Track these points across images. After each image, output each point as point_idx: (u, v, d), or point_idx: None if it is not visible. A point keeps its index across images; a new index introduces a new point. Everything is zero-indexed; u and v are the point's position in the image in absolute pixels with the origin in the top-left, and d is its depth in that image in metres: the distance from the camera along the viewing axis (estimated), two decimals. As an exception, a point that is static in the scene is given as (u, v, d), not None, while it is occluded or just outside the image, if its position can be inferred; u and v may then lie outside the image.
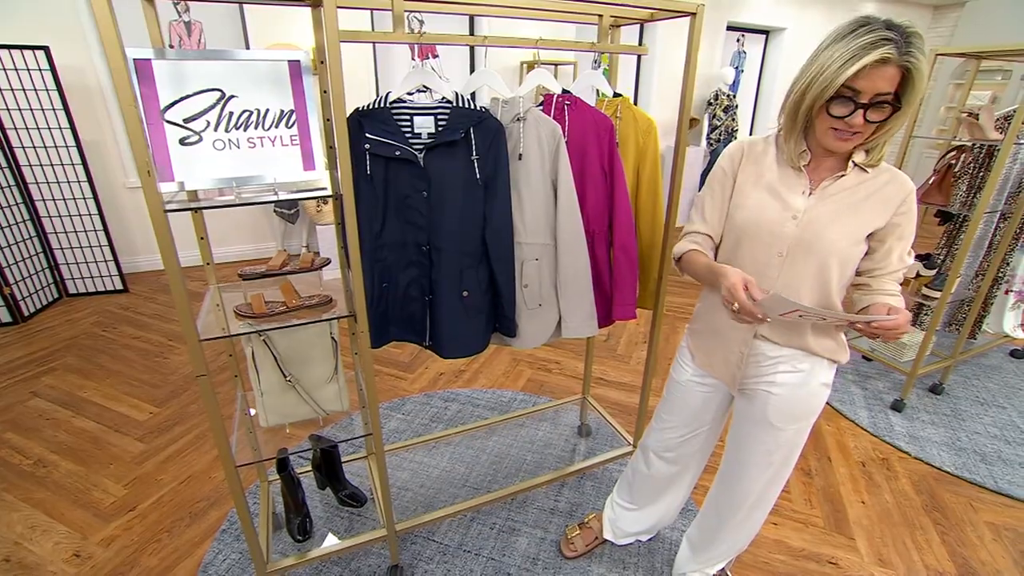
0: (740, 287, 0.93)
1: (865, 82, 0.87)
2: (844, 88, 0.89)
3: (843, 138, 0.94)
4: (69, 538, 1.67)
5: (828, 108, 0.92)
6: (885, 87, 0.87)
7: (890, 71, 0.86)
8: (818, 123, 0.97)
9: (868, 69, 0.86)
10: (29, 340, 2.94)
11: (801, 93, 0.96)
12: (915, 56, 0.85)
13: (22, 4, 3.15)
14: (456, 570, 1.57)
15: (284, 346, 1.26)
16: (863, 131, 0.92)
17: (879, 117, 0.90)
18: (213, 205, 1.04)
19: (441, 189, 1.27)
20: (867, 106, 0.89)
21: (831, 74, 0.88)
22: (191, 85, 1.03)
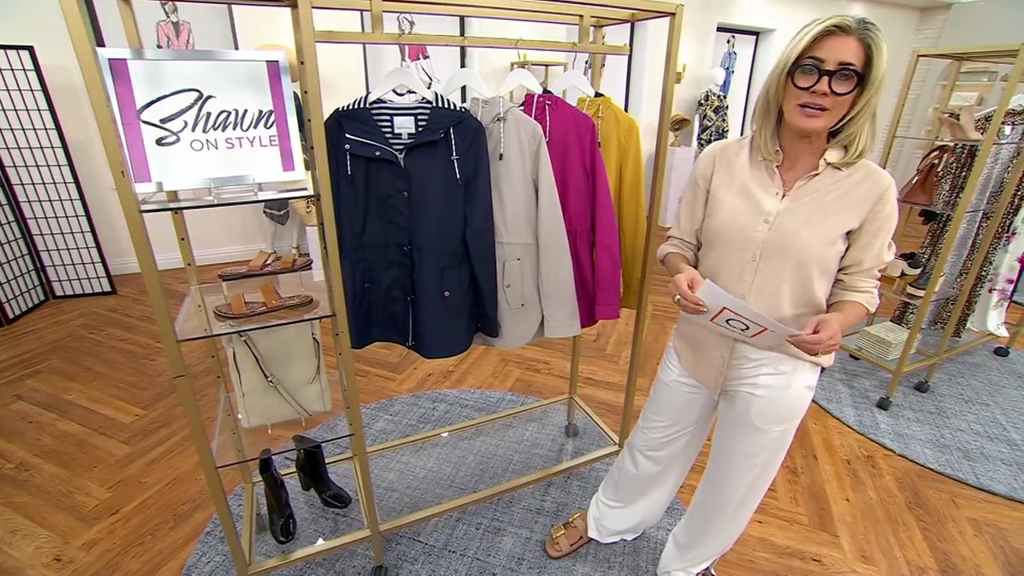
0: (683, 282, 1.01)
1: (827, 51, 0.90)
2: (808, 58, 0.91)
3: (810, 114, 0.94)
4: (50, 542, 1.65)
5: (794, 80, 0.93)
6: (848, 57, 0.89)
7: (851, 42, 0.89)
8: (787, 104, 0.98)
9: (828, 38, 0.90)
10: (14, 342, 2.92)
11: (771, 77, 0.98)
12: (872, 31, 0.89)
13: (5, 4, 3.12)
14: (441, 570, 1.57)
15: (265, 347, 1.26)
16: (830, 107, 0.93)
17: (844, 88, 0.91)
18: (189, 206, 1.04)
19: (421, 189, 1.28)
20: (831, 73, 0.90)
21: (794, 45, 0.92)
22: (168, 85, 1.02)
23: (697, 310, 1.00)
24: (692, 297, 0.99)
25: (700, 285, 0.97)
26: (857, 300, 1.05)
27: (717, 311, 1.00)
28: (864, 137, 0.99)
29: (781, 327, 0.97)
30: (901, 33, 6.96)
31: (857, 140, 0.99)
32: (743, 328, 1.02)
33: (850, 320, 1.03)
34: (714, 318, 1.03)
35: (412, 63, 4.88)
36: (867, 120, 0.97)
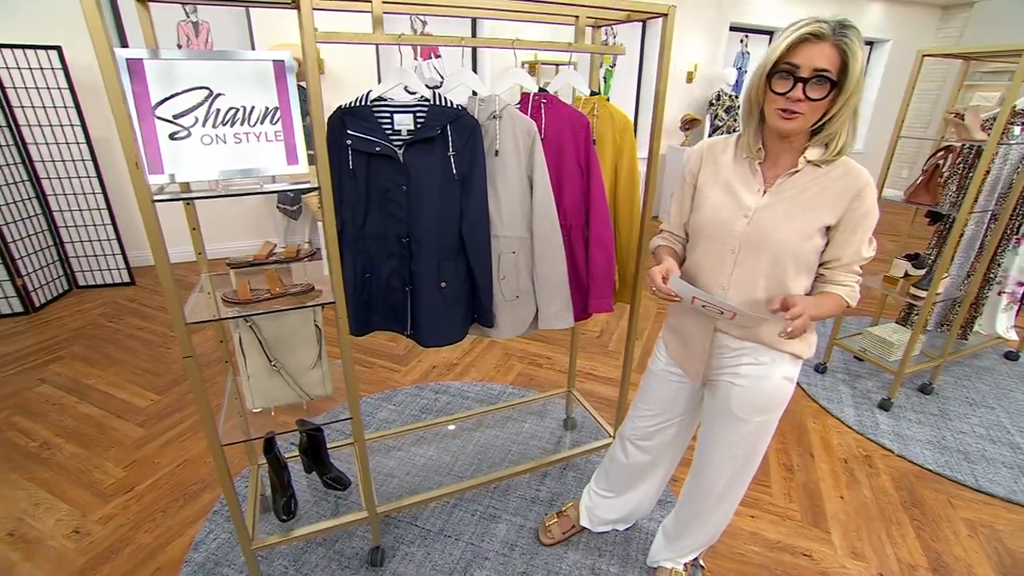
0: (657, 274, 1.09)
1: (802, 58, 0.93)
2: (784, 64, 0.94)
3: (788, 116, 0.98)
4: (70, 515, 1.75)
5: (771, 85, 0.97)
6: (823, 63, 0.92)
7: (826, 49, 0.92)
8: (767, 107, 1.01)
9: (803, 45, 0.92)
10: (39, 329, 3.05)
11: (753, 80, 1.01)
12: (848, 37, 0.92)
13: (36, 6, 3.26)
14: (436, 554, 1.63)
15: (270, 332, 1.32)
16: (806, 111, 0.96)
17: (818, 94, 0.94)
18: (198, 196, 1.11)
19: (420, 184, 1.33)
20: (806, 80, 0.93)
21: (772, 50, 0.96)
22: (181, 83, 1.09)
23: (671, 299, 1.09)
24: (664, 288, 1.07)
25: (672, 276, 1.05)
26: (836, 292, 1.08)
27: (690, 300, 1.07)
28: (843, 136, 1.02)
29: (747, 313, 1.02)
30: (920, 32, 6.84)
31: (836, 139, 1.02)
32: (719, 312, 1.07)
33: (824, 307, 1.06)
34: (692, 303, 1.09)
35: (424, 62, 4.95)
36: (846, 120, 1.00)
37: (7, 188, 3.12)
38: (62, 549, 1.62)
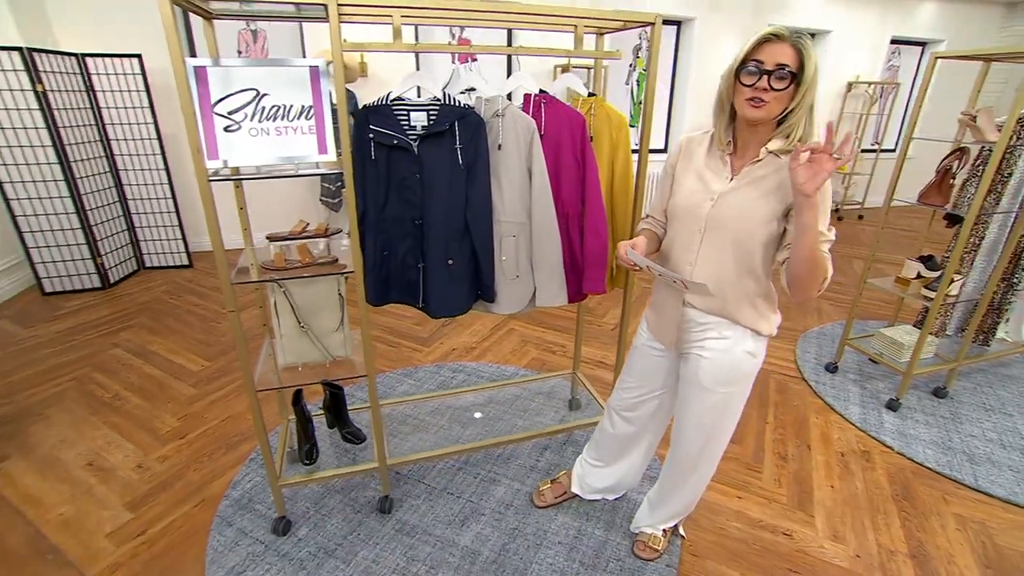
0: (622, 247, 1.27)
1: (766, 55, 1.07)
2: (752, 60, 1.08)
3: (756, 105, 1.10)
4: (135, 453, 2.05)
5: (741, 79, 1.10)
6: (783, 59, 1.06)
7: (786, 47, 1.06)
8: (736, 99, 1.14)
9: (767, 44, 1.07)
10: (114, 302, 3.46)
11: (723, 79, 1.15)
12: (803, 40, 1.06)
13: (121, 18, 3.69)
14: (438, 507, 1.81)
15: (300, 298, 1.54)
16: (771, 100, 1.09)
17: (780, 85, 1.07)
18: (244, 177, 1.34)
19: (431, 173, 1.52)
20: (770, 73, 1.06)
21: (740, 53, 1.10)
22: (235, 85, 1.32)
23: (633, 268, 1.28)
24: (624, 258, 1.26)
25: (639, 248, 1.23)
26: None
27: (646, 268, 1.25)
28: (801, 128, 1.14)
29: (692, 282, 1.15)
30: (982, 30, 6.52)
31: (795, 130, 1.14)
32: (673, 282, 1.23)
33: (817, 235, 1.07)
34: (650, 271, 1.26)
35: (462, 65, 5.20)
36: (804, 113, 1.12)
37: (93, 178, 3.56)
38: (128, 479, 1.92)
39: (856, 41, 5.93)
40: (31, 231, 3.38)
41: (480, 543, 1.68)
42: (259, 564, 1.59)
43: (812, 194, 1.02)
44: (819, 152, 1.00)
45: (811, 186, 1.01)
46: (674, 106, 5.63)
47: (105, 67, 3.51)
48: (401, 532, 1.71)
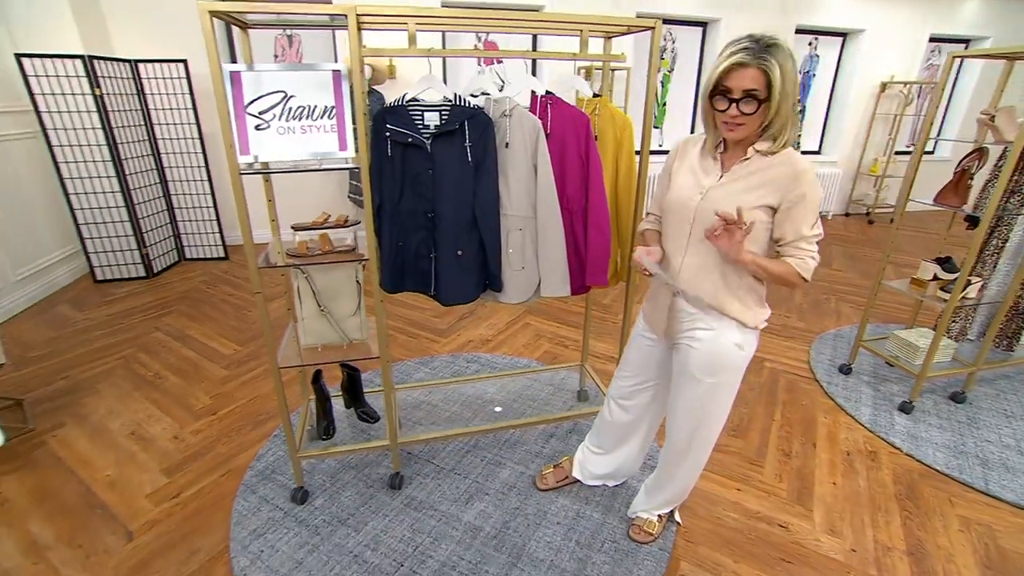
0: (641, 253, 1.34)
1: (733, 82, 1.12)
2: (721, 87, 1.13)
3: (731, 128, 1.17)
4: (172, 426, 2.23)
5: (713, 104, 1.16)
6: (750, 84, 1.10)
7: (751, 72, 1.10)
8: (716, 119, 1.20)
9: (732, 71, 1.11)
10: (156, 290, 3.71)
11: (702, 99, 1.21)
12: (767, 60, 1.08)
13: (169, 27, 3.96)
14: (445, 485, 1.92)
15: (320, 283, 1.67)
16: (744, 122, 1.15)
17: (749, 110, 1.12)
18: (272, 172, 1.47)
19: (442, 169, 1.62)
20: (738, 100, 1.12)
21: (708, 79, 1.14)
22: (265, 88, 1.46)
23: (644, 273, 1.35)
24: (639, 261, 1.34)
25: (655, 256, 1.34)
26: (787, 261, 1.23)
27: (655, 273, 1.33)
28: (787, 131, 1.19)
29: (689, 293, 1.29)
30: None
31: (781, 134, 1.19)
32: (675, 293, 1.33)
33: (772, 265, 1.21)
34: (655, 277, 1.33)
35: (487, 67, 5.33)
36: (786, 119, 1.17)
37: (141, 175, 3.82)
38: (166, 448, 2.09)
39: (891, 40, 5.78)
40: (86, 223, 3.66)
41: (482, 520, 1.77)
42: (278, 528, 1.73)
43: (737, 259, 1.20)
44: (730, 225, 1.16)
45: (735, 254, 1.20)
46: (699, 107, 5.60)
47: (154, 72, 3.77)
48: (409, 507, 1.82)
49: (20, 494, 1.86)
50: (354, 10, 1.32)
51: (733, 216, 1.14)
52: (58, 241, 3.74)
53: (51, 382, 2.55)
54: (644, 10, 4.88)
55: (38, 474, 1.96)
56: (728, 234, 1.18)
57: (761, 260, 1.21)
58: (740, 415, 2.36)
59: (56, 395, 2.45)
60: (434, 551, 1.65)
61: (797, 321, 3.36)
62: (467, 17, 1.47)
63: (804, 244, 1.24)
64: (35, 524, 1.74)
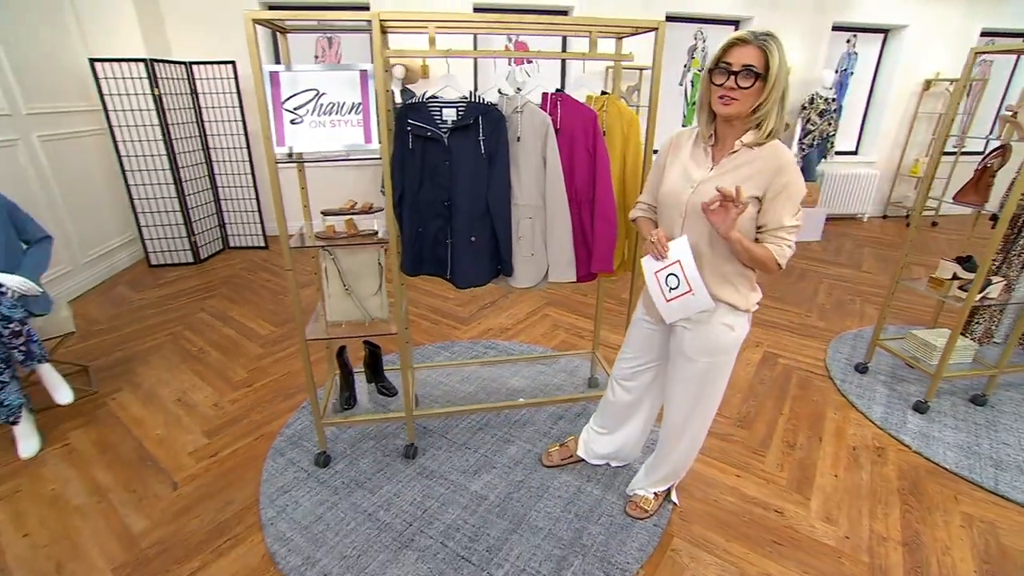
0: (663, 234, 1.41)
1: (733, 57, 1.21)
2: (721, 63, 1.23)
3: (726, 102, 1.25)
4: (212, 395, 2.45)
5: (713, 80, 1.25)
6: (748, 60, 1.20)
7: (751, 49, 1.20)
8: (712, 97, 1.29)
9: (734, 48, 1.21)
10: (203, 275, 4.00)
11: (702, 80, 1.30)
12: (767, 41, 1.19)
13: (221, 29, 4.25)
14: (456, 458, 2.05)
15: (346, 264, 1.83)
16: (740, 97, 1.23)
17: (746, 83, 1.21)
18: (305, 161, 1.63)
19: (458, 161, 1.75)
20: (736, 73, 1.20)
21: (713, 56, 1.25)
22: (300, 86, 1.62)
23: (657, 253, 1.39)
24: (663, 243, 1.38)
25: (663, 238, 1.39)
26: (767, 247, 1.30)
27: (671, 261, 1.37)
28: (771, 121, 1.26)
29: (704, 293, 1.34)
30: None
31: (766, 123, 1.27)
32: (673, 287, 1.37)
33: (754, 248, 1.28)
34: (660, 270, 1.39)
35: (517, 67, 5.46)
36: (774, 108, 1.25)
37: (192, 168, 4.13)
38: (207, 414, 2.31)
39: (937, 35, 5.57)
40: (144, 212, 3.99)
41: (488, 490, 1.90)
42: (302, 486, 1.90)
43: (725, 234, 1.26)
44: (727, 200, 1.21)
45: (723, 228, 1.26)
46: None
47: (206, 73, 4.07)
48: (421, 475, 1.96)
49: (85, 445, 2.11)
50: (377, 16, 1.46)
51: (732, 193, 1.21)
52: (119, 228, 4.08)
53: (111, 353, 2.83)
54: (675, 10, 4.90)
55: (99, 429, 2.21)
56: (723, 210, 1.24)
57: (745, 241, 1.28)
58: (748, 407, 2.41)
59: (115, 364, 2.72)
60: (441, 515, 1.78)
61: (817, 320, 3.34)
62: (482, 21, 1.59)
63: (784, 233, 1.31)
64: (98, 470, 1.97)
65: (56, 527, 1.73)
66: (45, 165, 3.32)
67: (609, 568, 1.59)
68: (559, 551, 1.65)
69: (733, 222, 1.25)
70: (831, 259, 4.61)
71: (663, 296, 1.43)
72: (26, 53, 3.21)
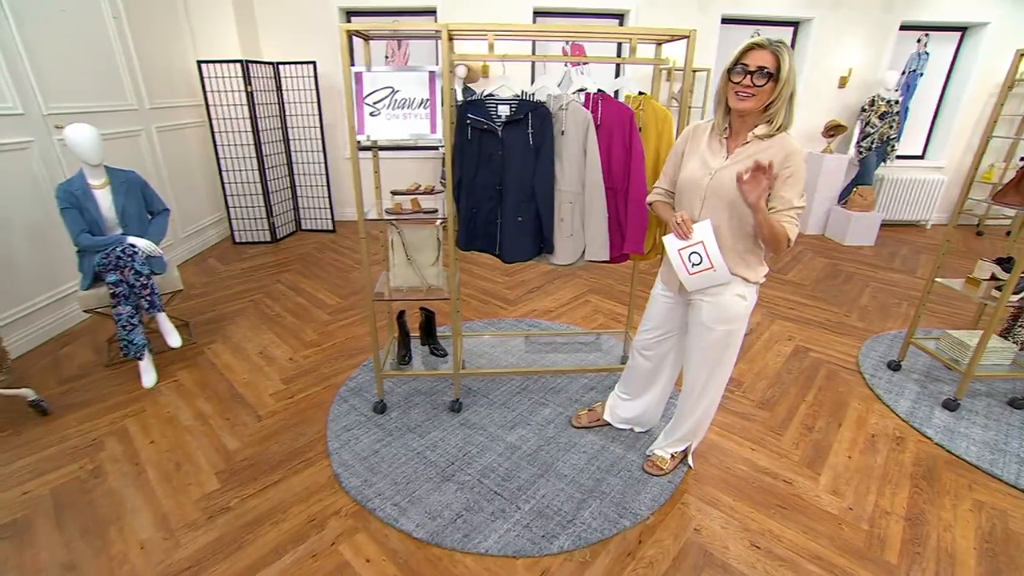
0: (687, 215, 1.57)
1: (750, 59, 1.41)
2: (739, 64, 1.42)
3: (742, 97, 1.44)
4: (288, 351, 2.84)
5: (731, 78, 1.44)
6: (763, 62, 1.39)
7: (765, 53, 1.39)
8: (729, 94, 1.48)
9: (751, 51, 1.40)
10: (278, 253, 4.49)
11: (721, 78, 1.49)
12: (779, 47, 1.38)
13: (303, 32, 4.73)
14: (495, 414, 2.32)
15: (409, 238, 2.14)
16: (755, 94, 1.41)
17: (760, 81, 1.39)
18: (381, 148, 1.94)
19: (510, 151, 2.01)
20: (752, 72, 1.39)
21: (732, 57, 1.44)
22: (378, 84, 1.93)
23: (680, 232, 1.57)
24: (688, 225, 1.55)
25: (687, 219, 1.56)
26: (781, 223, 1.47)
27: (695, 241, 1.56)
28: (781, 117, 1.44)
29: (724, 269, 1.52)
30: None
31: (777, 118, 1.45)
32: (696, 263, 1.56)
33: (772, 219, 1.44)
34: (683, 248, 1.58)
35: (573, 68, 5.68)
36: (783, 105, 1.43)
37: (273, 157, 4.63)
38: (283, 365, 2.70)
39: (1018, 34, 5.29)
40: (232, 195, 4.52)
41: (521, 442, 2.15)
42: (362, 427, 2.22)
43: (755, 202, 1.40)
44: (758, 171, 1.36)
45: (753, 196, 1.40)
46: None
47: (290, 72, 4.55)
48: (464, 426, 2.24)
49: (189, 382, 2.54)
50: (446, 27, 1.74)
51: (765, 164, 1.36)
52: (210, 209, 4.64)
53: (205, 312, 3.30)
54: (731, 12, 4.95)
55: (200, 371, 2.64)
56: (755, 180, 1.39)
57: (767, 213, 1.44)
58: (772, 392, 2.53)
59: (209, 321, 3.18)
60: (479, 458, 2.06)
61: (857, 321, 3.36)
62: (533, 30, 1.84)
63: (793, 213, 1.47)
64: (200, 402, 2.39)
65: (172, 439, 2.14)
66: (159, 152, 3.87)
67: (623, 511, 1.81)
68: (580, 495, 1.88)
69: (764, 191, 1.39)
70: (883, 264, 4.54)
71: (686, 270, 1.62)
72: (151, 56, 3.76)
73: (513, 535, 1.71)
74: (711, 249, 1.53)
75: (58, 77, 2.97)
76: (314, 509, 1.81)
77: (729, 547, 1.68)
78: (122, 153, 3.45)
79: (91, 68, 3.25)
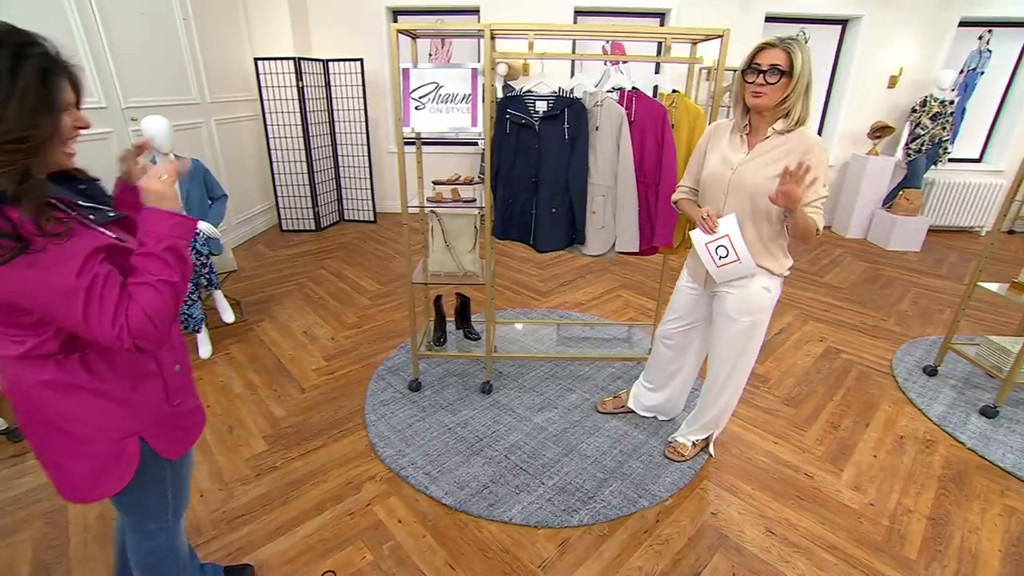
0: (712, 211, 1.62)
1: (763, 58, 1.46)
2: (752, 64, 1.48)
3: (756, 96, 1.49)
4: (330, 331, 3.03)
5: (745, 78, 1.50)
6: (775, 60, 1.44)
7: (777, 51, 1.44)
8: (744, 92, 1.53)
9: (763, 51, 1.46)
10: (322, 241, 4.72)
11: (735, 78, 1.55)
12: (790, 44, 1.43)
13: (351, 30, 4.95)
14: (524, 397, 2.42)
15: (448, 225, 2.26)
16: (768, 92, 1.46)
17: (773, 79, 1.44)
18: (424, 140, 2.07)
19: (546, 144, 2.11)
20: (765, 71, 1.44)
21: (746, 58, 1.50)
22: (424, 80, 2.06)
23: (706, 227, 1.62)
24: (713, 219, 1.60)
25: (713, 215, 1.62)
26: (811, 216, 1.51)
27: (721, 235, 1.62)
28: (798, 110, 1.49)
29: (750, 262, 1.57)
30: None
31: (793, 113, 1.49)
32: (723, 256, 1.62)
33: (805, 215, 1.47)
34: (710, 242, 1.64)
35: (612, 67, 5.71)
36: (799, 99, 1.48)
37: (320, 149, 4.87)
38: (326, 344, 2.88)
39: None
40: (280, 185, 4.78)
41: (548, 423, 2.24)
42: (397, 403, 2.37)
43: (793, 208, 1.42)
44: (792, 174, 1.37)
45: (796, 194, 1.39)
46: (829, 109, 5.39)
47: (339, 68, 4.77)
48: (494, 407, 2.35)
49: (240, 355, 2.75)
50: (489, 27, 1.85)
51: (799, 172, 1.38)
52: (260, 198, 4.92)
53: (255, 293, 3.54)
54: (775, 10, 4.88)
55: (250, 346, 2.85)
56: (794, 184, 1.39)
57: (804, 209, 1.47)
58: (799, 390, 2.54)
59: (258, 301, 3.41)
60: (506, 436, 2.16)
61: (894, 325, 3.29)
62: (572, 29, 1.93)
63: (819, 203, 1.51)
64: (249, 373, 2.59)
65: (226, 404, 2.34)
66: (217, 143, 4.15)
67: (642, 492, 1.88)
68: (602, 474, 1.96)
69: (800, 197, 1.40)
70: (927, 270, 4.39)
71: (714, 263, 1.67)
72: (213, 54, 4.04)
73: (536, 507, 1.80)
74: (736, 242, 1.58)
75: (135, 74, 3.25)
76: (352, 473, 1.96)
77: (745, 531, 1.73)
78: (186, 143, 3.72)
79: (162, 65, 3.53)
